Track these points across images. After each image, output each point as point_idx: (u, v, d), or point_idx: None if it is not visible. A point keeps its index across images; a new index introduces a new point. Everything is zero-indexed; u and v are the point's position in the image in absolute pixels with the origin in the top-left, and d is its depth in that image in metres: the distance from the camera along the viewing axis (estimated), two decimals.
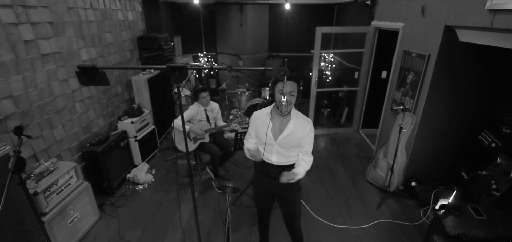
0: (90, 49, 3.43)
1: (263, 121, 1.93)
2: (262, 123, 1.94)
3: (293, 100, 1.80)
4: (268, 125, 1.90)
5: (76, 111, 3.24)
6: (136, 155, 3.91)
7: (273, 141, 1.91)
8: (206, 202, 3.36)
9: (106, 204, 3.30)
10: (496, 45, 2.33)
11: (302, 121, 1.91)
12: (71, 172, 2.77)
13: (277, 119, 1.91)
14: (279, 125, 1.90)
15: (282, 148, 1.91)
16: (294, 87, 1.79)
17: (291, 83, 1.78)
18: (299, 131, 1.88)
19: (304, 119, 1.93)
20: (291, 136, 1.88)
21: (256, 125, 1.98)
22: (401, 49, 3.65)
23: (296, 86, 1.81)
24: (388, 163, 3.39)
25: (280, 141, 1.89)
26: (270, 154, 1.95)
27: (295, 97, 1.81)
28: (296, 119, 1.90)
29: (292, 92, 1.78)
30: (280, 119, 1.90)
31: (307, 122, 1.91)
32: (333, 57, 5.83)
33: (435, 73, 2.97)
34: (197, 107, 3.49)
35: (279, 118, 1.91)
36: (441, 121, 3.20)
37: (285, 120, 1.89)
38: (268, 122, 1.90)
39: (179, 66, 1.63)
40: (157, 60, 4.51)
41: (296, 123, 1.89)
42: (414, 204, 3.31)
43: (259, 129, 1.96)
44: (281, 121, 1.90)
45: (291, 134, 1.87)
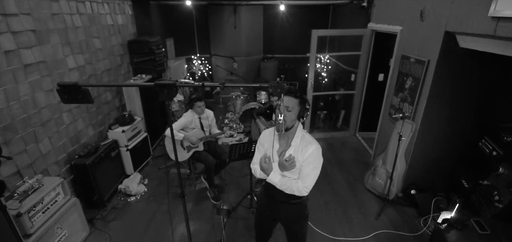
0: (77, 56, 3.27)
1: (268, 141, 1.85)
2: (268, 142, 1.85)
3: (288, 117, 1.65)
4: (274, 145, 1.80)
5: (63, 122, 3.09)
6: (128, 164, 3.78)
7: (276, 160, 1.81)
8: (201, 214, 3.25)
9: (97, 218, 3.16)
10: (499, 53, 2.26)
11: (306, 143, 1.73)
12: (58, 188, 2.63)
13: (283, 141, 1.80)
14: (284, 145, 1.80)
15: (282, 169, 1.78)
16: (292, 103, 1.66)
17: (288, 98, 1.66)
18: (300, 153, 1.73)
19: (309, 141, 1.74)
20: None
21: (263, 144, 1.89)
22: (399, 53, 3.57)
23: (296, 103, 1.67)
24: (387, 170, 3.33)
25: (279, 160, 1.77)
26: (274, 174, 1.82)
27: (293, 114, 1.67)
28: (300, 140, 1.74)
29: (288, 107, 1.65)
30: (285, 141, 1.79)
31: (311, 144, 1.72)
32: (329, 59, 5.75)
33: (435, 79, 2.90)
34: (191, 115, 3.37)
35: (284, 140, 1.80)
36: (440, 128, 3.14)
37: (290, 140, 1.77)
38: (273, 140, 1.80)
39: (167, 84, 1.52)
40: (149, 65, 4.36)
41: (299, 144, 1.74)
42: (414, 212, 3.25)
43: (265, 148, 1.87)
44: (286, 142, 1.79)
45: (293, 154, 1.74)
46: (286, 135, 1.76)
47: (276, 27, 6.55)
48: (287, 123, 1.66)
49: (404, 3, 3.43)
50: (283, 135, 1.77)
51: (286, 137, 1.77)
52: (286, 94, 1.66)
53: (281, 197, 1.86)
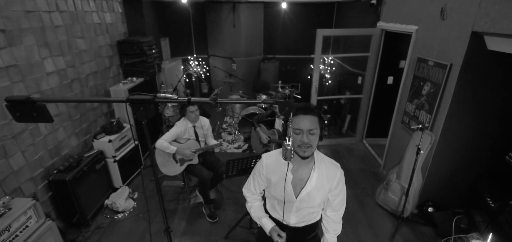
0: (56, 59, 2.93)
1: (278, 172, 1.43)
2: (277, 174, 1.44)
3: (313, 141, 1.30)
4: (287, 177, 1.39)
5: (40, 133, 2.75)
6: (116, 177, 3.44)
7: (293, 197, 1.43)
8: (195, 233, 2.92)
9: (78, 240, 2.83)
10: None
11: (330, 167, 1.43)
12: (29, 212, 2.29)
13: (297, 168, 1.42)
14: (300, 175, 1.42)
15: (304, 207, 1.45)
16: (314, 124, 1.30)
17: (309, 118, 1.29)
18: (326, 181, 1.42)
19: (332, 163, 1.45)
20: (317, 189, 1.41)
21: (268, 176, 1.48)
22: (414, 55, 3.24)
23: (317, 121, 1.31)
24: (402, 186, 3.00)
25: (302, 196, 1.42)
26: (288, 213, 1.49)
27: (317, 137, 1.32)
28: (320, 165, 1.41)
29: (311, 130, 1.28)
30: (301, 168, 1.41)
31: (336, 167, 1.44)
32: (333, 60, 5.41)
33: (458, 86, 2.57)
34: (184, 124, 3.04)
35: (299, 167, 1.41)
36: (461, 139, 2.82)
37: (307, 168, 1.41)
38: (286, 171, 1.39)
39: (142, 100, 1.19)
40: (140, 67, 4.02)
41: (322, 171, 1.41)
42: (431, 232, 2.93)
43: (274, 182, 1.46)
44: (302, 170, 1.41)
45: (316, 186, 1.40)
46: (301, 161, 1.39)
47: (278, 26, 6.19)
48: (313, 149, 1.32)
49: (421, 0, 3.09)
50: (296, 161, 1.39)
51: (302, 163, 1.40)
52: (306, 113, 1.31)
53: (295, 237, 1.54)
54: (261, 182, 1.55)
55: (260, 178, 1.53)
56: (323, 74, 5.29)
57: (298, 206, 1.45)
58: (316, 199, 1.42)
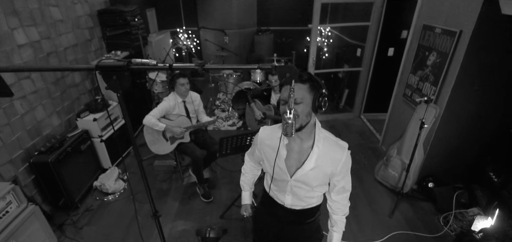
0: (28, 29, 2.64)
1: (272, 146, 1.29)
2: (270, 149, 1.30)
3: (300, 111, 1.12)
4: (279, 152, 1.25)
5: (16, 112, 2.52)
6: (104, 157, 3.27)
7: (287, 175, 1.27)
8: (190, 214, 2.81)
9: (67, 224, 2.70)
10: None
11: (334, 148, 1.24)
12: (8, 196, 2.12)
13: (294, 145, 1.25)
14: (297, 153, 1.25)
15: (300, 187, 1.29)
16: (301, 93, 1.12)
17: (300, 86, 1.12)
18: (329, 163, 1.24)
19: (336, 144, 1.25)
20: (316, 171, 1.24)
21: (262, 150, 1.35)
22: (419, 23, 3.03)
23: (306, 90, 1.13)
24: (403, 161, 2.91)
25: (298, 177, 1.25)
26: (282, 193, 1.35)
27: (307, 107, 1.13)
28: (323, 145, 1.23)
29: (296, 99, 1.10)
30: (299, 145, 1.24)
31: (341, 149, 1.24)
32: (331, 32, 5.15)
33: (467, 54, 2.40)
34: (173, 99, 2.84)
35: (296, 144, 1.24)
36: (467, 112, 2.69)
37: (306, 146, 1.23)
38: (278, 146, 1.24)
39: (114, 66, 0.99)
40: (125, 39, 3.72)
41: (324, 151, 1.23)
42: (431, 208, 2.88)
43: (267, 157, 1.32)
44: (300, 147, 1.24)
45: (316, 168, 1.24)
46: (297, 137, 1.22)
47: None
48: (300, 120, 1.13)
49: None
50: (294, 137, 1.17)
51: (298, 140, 1.23)
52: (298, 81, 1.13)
53: (292, 219, 1.41)
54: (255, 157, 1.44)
55: (254, 151, 1.42)
56: (320, 47, 5.05)
57: (294, 186, 1.29)
58: (314, 181, 1.26)
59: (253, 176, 1.60)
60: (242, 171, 1.60)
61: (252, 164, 1.55)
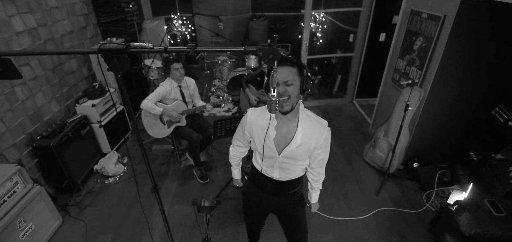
0: (25, 16, 2.69)
1: (261, 126, 1.41)
2: (259, 129, 1.42)
3: (291, 93, 1.24)
4: (268, 132, 1.38)
5: (17, 98, 2.61)
6: (103, 142, 3.38)
7: (275, 153, 1.41)
8: (187, 195, 2.96)
9: (70, 205, 2.84)
10: None
11: (316, 126, 1.38)
12: (15, 177, 2.25)
13: (282, 125, 1.38)
14: (285, 133, 1.38)
15: (287, 162, 1.43)
16: (292, 75, 1.24)
17: (285, 69, 1.24)
18: (312, 140, 1.38)
19: (318, 122, 1.40)
20: (302, 148, 1.38)
21: (251, 130, 1.47)
22: (408, 7, 3.12)
23: (296, 73, 1.26)
24: (389, 143, 3.06)
25: (286, 153, 1.39)
26: (271, 168, 1.48)
27: (296, 88, 1.26)
28: (307, 123, 1.37)
29: (287, 81, 1.24)
30: (286, 125, 1.37)
31: (322, 126, 1.39)
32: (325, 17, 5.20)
33: (451, 38, 2.51)
34: (169, 84, 2.93)
35: (284, 124, 1.38)
36: (450, 95, 2.82)
37: (292, 125, 1.37)
38: (268, 127, 1.37)
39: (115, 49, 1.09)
40: (119, 25, 3.77)
41: (307, 129, 1.36)
42: (415, 186, 3.05)
43: (256, 137, 1.45)
44: (287, 127, 1.37)
45: (302, 144, 1.37)
46: (284, 118, 1.35)
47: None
48: (291, 102, 1.26)
49: None
50: (281, 118, 1.37)
51: (286, 120, 1.36)
52: (281, 64, 1.25)
53: (276, 189, 1.56)
54: (245, 137, 1.56)
55: (243, 133, 1.53)
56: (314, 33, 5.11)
57: (281, 162, 1.43)
58: (299, 156, 1.41)
59: (240, 155, 1.74)
60: (230, 153, 1.74)
61: (238, 149, 1.68)
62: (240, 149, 1.68)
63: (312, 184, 1.66)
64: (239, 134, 1.60)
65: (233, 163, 1.79)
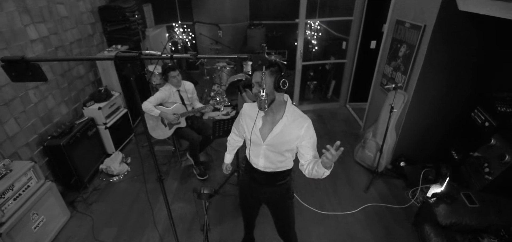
0: (39, 26, 2.91)
1: (251, 116, 1.66)
2: (250, 119, 1.66)
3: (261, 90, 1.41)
4: (256, 122, 1.61)
5: (30, 101, 2.81)
6: (108, 143, 3.58)
7: (261, 141, 1.62)
8: (187, 192, 3.15)
9: (78, 201, 3.02)
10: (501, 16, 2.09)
11: (297, 118, 1.58)
12: (29, 173, 2.44)
13: (268, 117, 1.61)
14: (270, 123, 1.61)
15: (271, 151, 1.63)
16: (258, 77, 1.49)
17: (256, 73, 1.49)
18: (293, 130, 1.57)
19: (300, 116, 1.60)
20: (282, 135, 1.57)
21: (245, 120, 1.71)
22: (393, 17, 3.35)
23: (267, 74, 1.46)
24: (377, 143, 3.26)
25: (269, 141, 1.60)
26: (257, 157, 1.69)
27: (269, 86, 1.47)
28: (290, 116, 1.58)
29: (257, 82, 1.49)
30: (271, 117, 1.60)
31: (303, 119, 1.58)
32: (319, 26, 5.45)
33: (431, 46, 2.74)
34: (168, 89, 3.14)
35: (270, 116, 1.60)
36: (433, 98, 3.04)
37: (277, 117, 1.59)
38: (255, 118, 1.62)
39: (129, 56, 1.30)
40: (124, 34, 3.99)
41: (290, 120, 1.57)
42: (402, 184, 3.25)
43: (247, 127, 1.68)
44: (272, 119, 1.60)
45: (282, 132, 1.57)
46: (271, 111, 1.58)
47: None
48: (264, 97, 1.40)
49: None
50: (268, 111, 1.59)
51: (271, 113, 1.59)
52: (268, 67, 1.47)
53: (266, 180, 1.75)
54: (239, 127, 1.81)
55: (239, 123, 1.79)
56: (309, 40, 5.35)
57: (266, 150, 1.63)
58: (282, 145, 1.59)
59: (235, 143, 2.01)
60: (228, 140, 2.03)
61: (234, 136, 1.97)
62: (235, 137, 1.95)
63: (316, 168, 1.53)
64: (236, 123, 1.86)
65: (228, 148, 2.07)
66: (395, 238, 2.62)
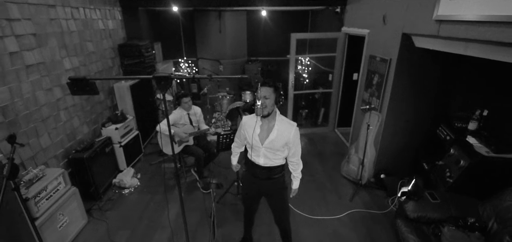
0: (72, 59, 3.49)
1: (251, 125, 2.13)
2: (250, 127, 2.14)
3: (268, 103, 1.97)
4: (255, 130, 2.09)
5: (61, 120, 3.30)
6: (121, 160, 4.00)
7: (260, 144, 2.10)
8: (192, 202, 3.52)
9: (94, 209, 3.37)
10: (444, 50, 2.72)
11: (287, 125, 2.07)
12: (59, 178, 2.85)
13: (264, 125, 2.08)
14: (266, 130, 2.08)
15: (268, 151, 2.10)
16: (268, 93, 1.98)
17: (265, 88, 1.98)
18: (284, 135, 2.05)
19: (289, 123, 2.09)
20: (277, 140, 2.05)
21: (245, 129, 2.18)
22: (368, 53, 4.02)
23: (272, 91, 2.00)
24: (359, 158, 3.73)
25: (267, 144, 2.08)
26: (258, 156, 2.14)
27: (272, 101, 2.00)
28: (280, 124, 2.06)
29: (265, 96, 1.97)
30: (267, 125, 2.08)
31: (291, 125, 2.08)
32: (309, 61, 6.18)
33: (396, 75, 3.34)
34: (180, 112, 3.65)
35: (265, 124, 2.08)
36: (404, 118, 3.59)
37: (271, 125, 2.07)
38: (255, 126, 2.10)
39: (164, 76, 1.82)
40: (139, 67, 4.60)
41: (281, 127, 2.05)
42: (383, 194, 3.67)
43: (248, 134, 2.15)
44: (268, 126, 2.07)
45: (277, 137, 2.05)
46: (266, 121, 2.09)
47: (259, 31, 6.95)
48: (268, 109, 1.99)
49: (370, 9, 3.89)
50: (264, 120, 2.09)
51: (267, 121, 2.09)
52: (262, 85, 2.01)
53: (263, 175, 2.20)
54: (240, 136, 2.29)
55: (240, 132, 2.27)
56: (300, 74, 6.04)
57: (265, 151, 2.11)
58: (277, 145, 2.08)
59: (238, 149, 2.48)
60: (232, 147, 2.50)
61: (236, 145, 2.45)
62: (237, 145, 2.42)
63: (293, 173, 2.29)
64: (237, 133, 2.34)
65: (233, 153, 2.50)
66: (375, 237, 3.00)
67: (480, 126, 3.05)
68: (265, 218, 3.18)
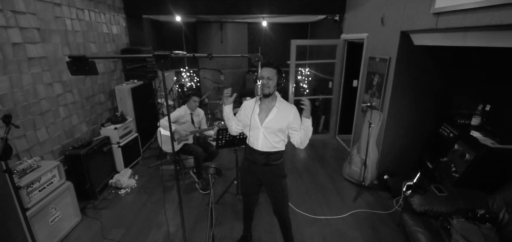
0: None
1: (250, 106, 2.11)
2: (249, 108, 2.11)
3: (270, 84, 1.97)
4: (254, 109, 2.06)
5: (60, 115, 3.28)
6: (119, 161, 3.93)
7: (259, 124, 2.07)
8: (190, 202, 3.42)
9: (88, 207, 3.26)
10: (442, 44, 2.73)
11: (286, 106, 2.08)
12: (54, 171, 2.78)
13: (264, 106, 2.08)
14: (265, 110, 2.07)
15: (268, 132, 2.05)
16: (271, 74, 1.98)
17: (269, 69, 1.99)
18: (284, 115, 2.04)
19: (289, 105, 2.10)
20: (276, 120, 2.03)
21: (245, 110, 2.16)
22: (367, 56, 4.06)
23: (275, 72, 1.99)
24: (361, 158, 3.66)
25: (266, 124, 2.04)
26: (256, 139, 2.10)
27: (274, 82, 1.99)
28: (280, 105, 2.07)
29: (269, 77, 1.97)
30: (266, 106, 2.07)
31: (291, 106, 2.09)
32: (309, 71, 6.24)
33: (396, 73, 3.34)
34: (184, 110, 3.64)
35: (265, 105, 2.08)
36: (406, 117, 3.55)
37: (270, 106, 2.06)
38: (254, 106, 2.07)
39: (164, 55, 1.82)
40: (140, 72, 4.64)
41: (280, 108, 2.06)
42: (387, 195, 3.55)
43: (247, 115, 2.11)
44: (267, 107, 2.07)
45: (276, 117, 2.03)
46: (266, 101, 2.07)
47: (260, 42, 7.08)
48: (270, 89, 1.98)
49: (368, 13, 3.97)
50: (264, 101, 2.07)
51: (267, 102, 2.07)
52: (265, 65, 2.00)
53: (262, 161, 2.14)
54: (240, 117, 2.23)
55: (240, 113, 2.23)
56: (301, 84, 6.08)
57: (264, 132, 2.06)
58: (276, 127, 2.04)
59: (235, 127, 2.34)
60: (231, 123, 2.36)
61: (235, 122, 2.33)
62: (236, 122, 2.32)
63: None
64: (237, 114, 2.28)
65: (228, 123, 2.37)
66: (381, 236, 2.87)
67: (483, 120, 3.01)
68: (266, 217, 3.07)
